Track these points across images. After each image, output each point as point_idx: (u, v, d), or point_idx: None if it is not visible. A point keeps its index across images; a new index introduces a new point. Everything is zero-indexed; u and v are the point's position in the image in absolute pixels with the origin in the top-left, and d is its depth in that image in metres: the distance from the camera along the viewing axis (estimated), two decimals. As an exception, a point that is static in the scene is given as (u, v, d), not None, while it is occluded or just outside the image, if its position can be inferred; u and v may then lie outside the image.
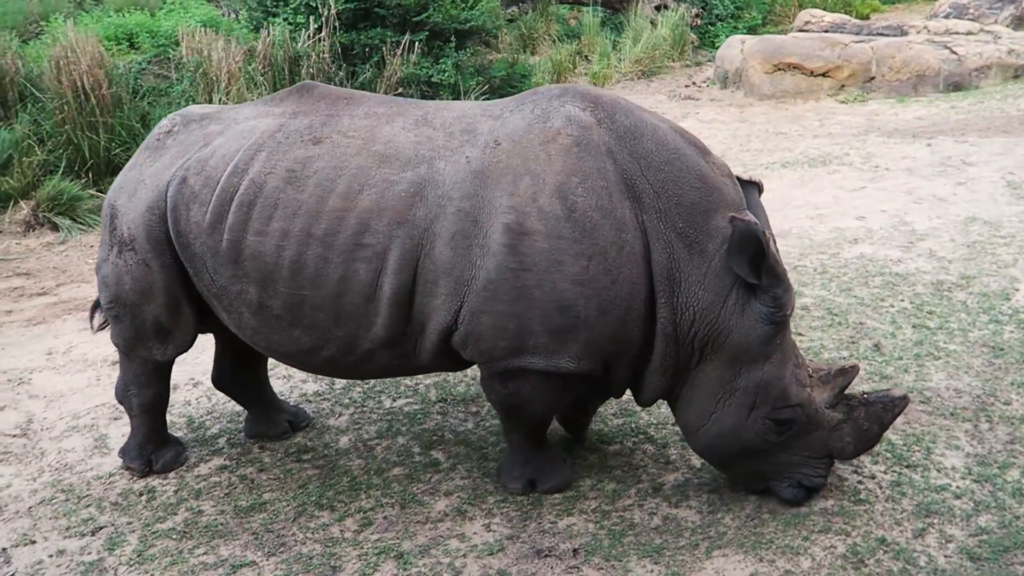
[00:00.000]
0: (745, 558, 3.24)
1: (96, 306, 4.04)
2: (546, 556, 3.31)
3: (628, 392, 3.61)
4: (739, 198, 3.34)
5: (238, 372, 4.21)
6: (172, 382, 4.91)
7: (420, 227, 3.23)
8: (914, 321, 5.00)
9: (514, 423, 3.62)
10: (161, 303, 3.63)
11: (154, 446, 4.04)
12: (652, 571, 3.21)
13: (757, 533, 3.37)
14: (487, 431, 4.24)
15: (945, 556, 3.18)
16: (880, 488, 3.58)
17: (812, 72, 11.61)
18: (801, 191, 7.67)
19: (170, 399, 4.14)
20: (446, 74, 10.56)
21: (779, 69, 11.77)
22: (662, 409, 4.28)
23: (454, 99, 10.73)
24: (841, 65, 11.48)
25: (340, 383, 4.81)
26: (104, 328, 4.05)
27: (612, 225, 3.16)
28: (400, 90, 10.47)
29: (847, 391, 3.40)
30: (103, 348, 5.22)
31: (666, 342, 3.26)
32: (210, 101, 9.24)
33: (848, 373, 3.36)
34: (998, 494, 3.48)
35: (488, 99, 9.80)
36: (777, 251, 3.22)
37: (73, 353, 5.39)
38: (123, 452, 4.06)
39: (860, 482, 3.63)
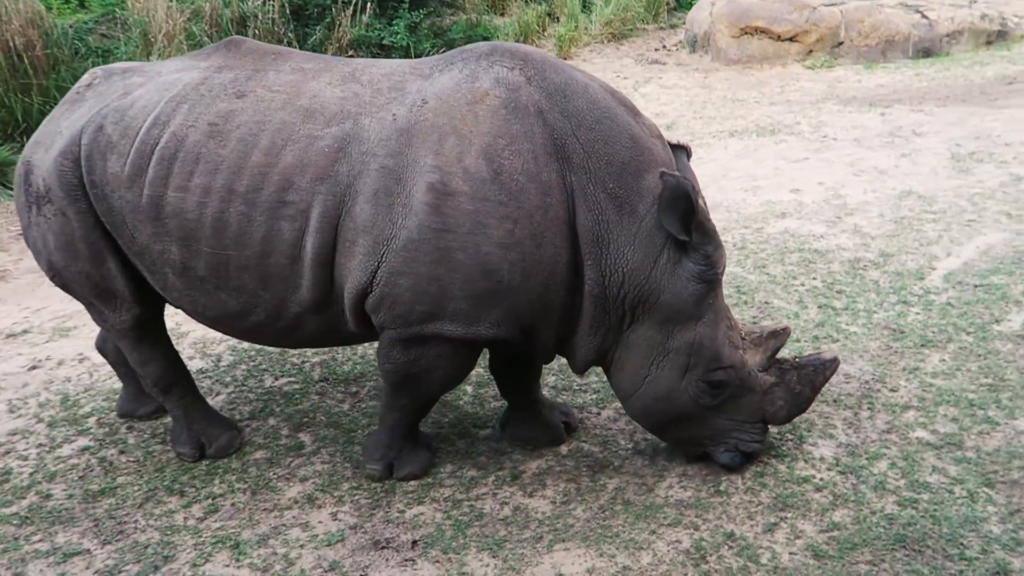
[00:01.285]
0: (586, 552, 3.13)
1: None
2: (383, 548, 3.21)
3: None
4: (669, 159, 3.28)
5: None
6: (59, 355, 4.85)
7: (342, 184, 3.12)
8: (821, 301, 4.84)
9: (400, 398, 3.47)
10: (86, 257, 3.46)
11: (202, 426, 3.82)
12: (488, 565, 3.11)
13: (605, 526, 3.26)
14: (361, 413, 4.13)
15: (790, 553, 3.07)
16: (742, 479, 3.46)
17: (779, 36, 11.26)
18: (744, 161, 7.46)
19: (57, 374, 3.99)
20: (399, 36, 10.25)
21: (746, 33, 11.42)
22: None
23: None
24: (809, 29, 11.14)
25: (225, 360, 4.69)
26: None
27: (538, 188, 3.07)
28: (351, 52, 10.18)
29: (778, 355, 3.37)
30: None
31: (594, 304, 3.20)
32: (147, 60, 8.98)
33: (780, 335, 3.33)
34: (860, 487, 3.36)
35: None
36: (706, 208, 3.18)
37: (-35, 326, 5.26)
38: (172, 439, 3.87)
39: (725, 472, 3.51)
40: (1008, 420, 3.70)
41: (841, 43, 11.12)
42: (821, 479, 3.43)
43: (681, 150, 3.47)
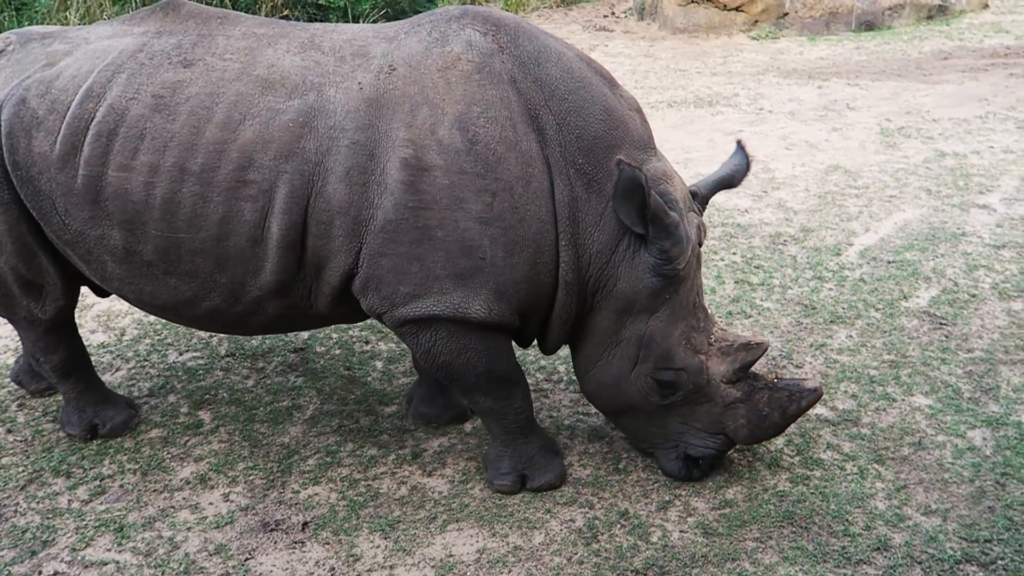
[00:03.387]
0: (479, 532, 3.11)
1: None
2: (272, 530, 3.14)
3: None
4: (646, 135, 3.11)
5: None
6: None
7: (310, 161, 2.92)
8: (738, 276, 4.85)
9: (474, 398, 3.20)
10: (11, 251, 3.23)
11: (95, 408, 3.67)
12: (379, 546, 3.06)
13: (500, 505, 3.24)
14: (265, 389, 4.03)
15: (680, 531, 3.08)
16: (642, 457, 3.46)
17: (725, 6, 11.18)
18: (678, 133, 7.42)
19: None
20: (336, -5, 9.92)
21: (693, 2, 11.31)
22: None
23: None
24: (755, -1, 11.08)
25: (129, 334, 4.53)
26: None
27: (517, 158, 2.91)
28: (285, 13, 9.84)
29: (758, 371, 3.16)
30: None
31: (567, 289, 3.05)
32: (65, 21, 8.55)
33: (753, 349, 3.07)
34: (755, 464, 3.38)
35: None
36: (689, 200, 3.05)
37: None
38: (62, 420, 3.70)
39: (625, 450, 3.50)
40: (905, 396, 3.75)
41: (786, 14, 11.09)
42: (719, 456, 3.44)
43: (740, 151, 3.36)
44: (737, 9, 11.18)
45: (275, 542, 3.09)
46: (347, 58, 3.05)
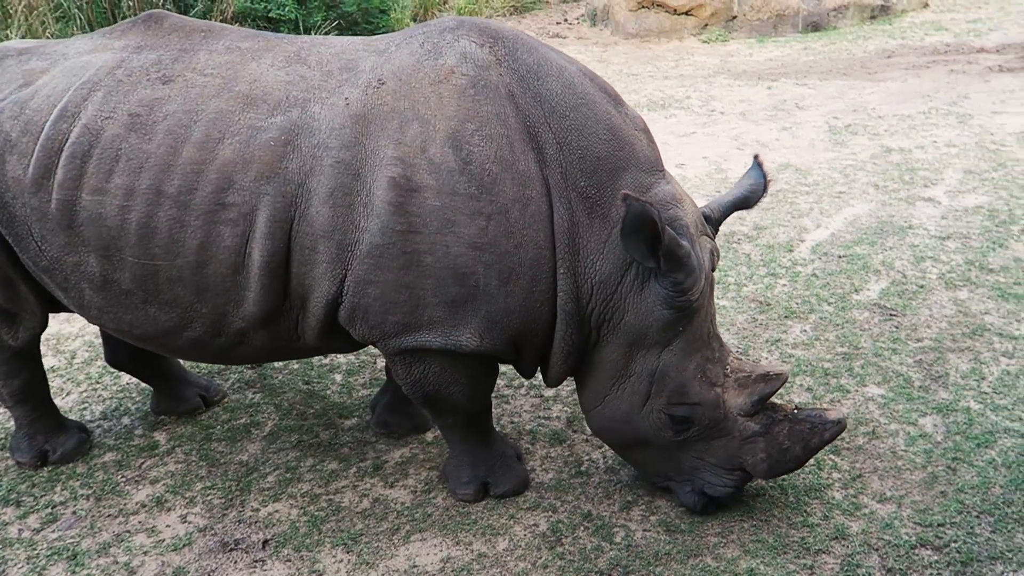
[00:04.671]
0: (443, 541, 3.09)
1: None
2: (232, 550, 3.09)
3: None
4: (654, 156, 2.94)
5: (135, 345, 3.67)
6: None
7: (293, 182, 2.76)
8: (695, 276, 4.90)
9: (443, 417, 3.16)
10: None
11: (46, 435, 3.55)
12: (342, 561, 3.03)
13: (464, 513, 3.22)
14: (222, 407, 3.96)
15: (644, 530, 3.09)
16: (604, 458, 3.47)
17: (676, 10, 11.36)
18: (633, 137, 7.49)
19: None
20: (286, 8, 9.85)
21: (643, 7, 11.47)
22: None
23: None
24: (704, 3, 11.25)
25: (80, 357, 4.42)
26: None
27: (514, 179, 2.74)
28: (236, 25, 9.73)
29: (777, 402, 3.03)
30: None
31: (567, 320, 2.87)
32: (7, 37, 8.36)
33: (772, 381, 2.89)
34: (715, 461, 3.42)
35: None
36: (702, 223, 2.90)
37: None
38: (11, 448, 3.57)
39: (586, 453, 3.52)
40: (858, 387, 3.83)
41: (735, 17, 11.30)
42: (679, 454, 3.47)
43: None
44: (687, 13, 11.36)
45: (235, 562, 3.04)
46: (334, 72, 2.91)
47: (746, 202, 3.12)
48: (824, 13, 11.30)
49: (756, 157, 3.23)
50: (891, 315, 4.38)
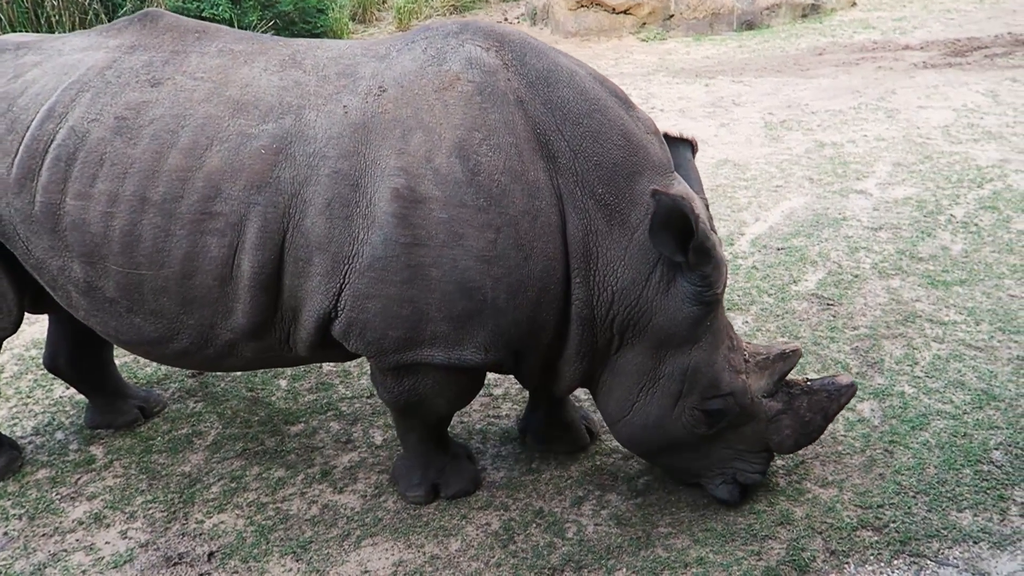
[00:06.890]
0: (394, 545, 3.06)
1: None
2: (176, 564, 3.00)
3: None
4: (666, 159, 2.88)
5: (76, 353, 3.56)
6: None
7: (286, 192, 2.67)
8: (639, 271, 4.96)
9: (411, 424, 3.12)
10: None
11: None
12: (292, 569, 2.97)
13: (415, 516, 3.20)
14: (163, 417, 3.84)
15: (595, 524, 3.12)
16: (555, 456, 3.49)
17: (614, 9, 11.49)
18: (575, 134, 7.55)
19: None
20: (219, 8, 9.61)
21: (583, 6, 11.57)
22: (362, 381, 4.03)
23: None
24: (641, 2, 11.42)
25: (9, 371, 4.24)
26: None
27: (523, 190, 2.67)
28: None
29: (788, 378, 3.05)
30: None
31: (582, 327, 2.82)
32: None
33: (789, 358, 2.96)
34: (664, 453, 3.46)
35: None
36: (710, 219, 2.86)
37: None
38: None
39: (537, 450, 3.52)
40: (799, 376, 3.92)
41: (672, 16, 11.49)
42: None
43: (686, 145, 3.11)
44: (625, 12, 11.50)
45: (180, 576, 2.95)
46: (331, 78, 2.82)
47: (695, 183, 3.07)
48: (758, 12, 11.58)
49: (665, 133, 3.08)
50: (828, 305, 4.51)
